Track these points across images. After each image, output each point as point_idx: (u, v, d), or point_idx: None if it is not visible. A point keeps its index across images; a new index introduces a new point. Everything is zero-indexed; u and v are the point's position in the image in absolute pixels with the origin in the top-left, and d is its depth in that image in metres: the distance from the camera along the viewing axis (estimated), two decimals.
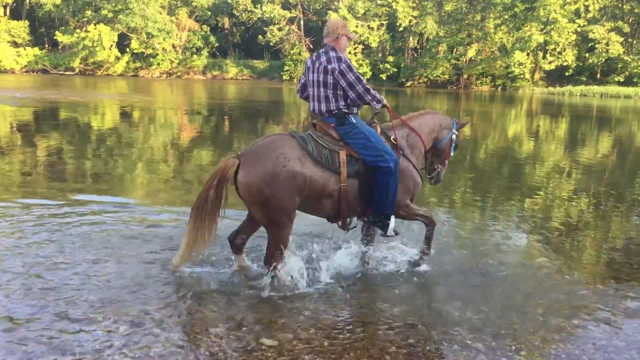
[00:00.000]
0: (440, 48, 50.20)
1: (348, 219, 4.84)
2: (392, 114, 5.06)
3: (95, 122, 17.52)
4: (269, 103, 28.72)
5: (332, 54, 4.64)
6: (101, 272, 4.82)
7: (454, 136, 5.42)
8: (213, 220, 4.46)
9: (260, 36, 53.80)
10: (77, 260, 5.08)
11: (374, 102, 4.74)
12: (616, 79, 46.70)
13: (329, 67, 4.59)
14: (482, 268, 5.25)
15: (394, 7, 49.99)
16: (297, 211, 4.54)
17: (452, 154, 5.53)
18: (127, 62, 53.18)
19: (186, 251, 4.56)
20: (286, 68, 52.76)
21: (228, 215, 4.74)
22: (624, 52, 46.33)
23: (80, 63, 51.38)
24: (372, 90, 4.71)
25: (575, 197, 8.80)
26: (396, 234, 4.91)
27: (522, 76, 47.30)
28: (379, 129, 4.86)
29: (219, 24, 58.30)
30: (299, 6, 54.13)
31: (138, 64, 54.03)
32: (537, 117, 25.40)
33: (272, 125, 18.38)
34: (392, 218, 4.75)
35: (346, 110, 4.67)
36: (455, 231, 6.52)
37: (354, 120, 4.68)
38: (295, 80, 51.64)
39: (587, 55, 47.83)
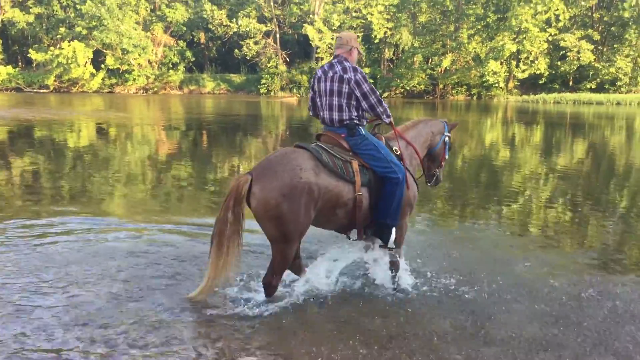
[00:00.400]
0: (415, 59, 50.65)
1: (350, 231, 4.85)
2: (395, 131, 5.07)
3: (71, 139, 17.29)
4: (246, 117, 28.66)
5: (346, 64, 4.68)
6: (73, 291, 4.74)
7: (446, 139, 5.53)
8: (236, 244, 4.29)
9: (236, 50, 53.76)
10: (49, 279, 4.99)
11: (384, 116, 4.78)
12: (588, 86, 47.71)
13: (345, 76, 4.61)
14: (461, 278, 5.26)
15: (369, 19, 50.42)
16: None
17: (447, 156, 5.63)
18: (103, 79, 52.65)
19: (210, 283, 4.35)
20: (263, 81, 52.74)
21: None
22: (594, 59, 47.32)
23: (55, 80, 50.77)
24: (384, 102, 4.76)
25: (552, 203, 8.89)
26: (397, 246, 4.93)
27: (496, 85, 47.92)
28: (383, 140, 4.90)
29: (195, 39, 58.15)
30: (275, 20, 54.26)
31: (114, 80, 53.56)
32: (512, 125, 25.72)
33: (251, 139, 18.33)
34: (393, 230, 4.77)
35: (357, 122, 4.70)
36: (434, 241, 6.53)
37: (364, 132, 4.72)
38: (272, 93, 51.69)
39: (559, 63, 48.74)
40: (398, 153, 4.90)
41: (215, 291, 4.52)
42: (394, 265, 5.02)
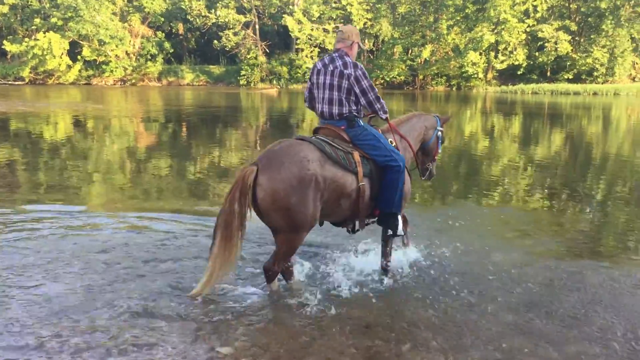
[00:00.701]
0: (395, 50, 50.79)
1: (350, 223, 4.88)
2: (390, 126, 5.08)
3: (48, 132, 17.03)
4: (226, 108, 28.48)
5: (347, 59, 4.71)
6: (46, 284, 4.65)
7: (439, 133, 5.62)
8: (241, 236, 4.24)
9: (215, 41, 53.30)
10: (20, 271, 4.90)
11: (381, 112, 4.82)
12: (565, 77, 48.21)
13: (345, 72, 4.64)
14: (439, 267, 5.29)
15: (348, 9, 50.38)
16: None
17: (440, 150, 5.71)
18: (79, 70, 51.89)
19: (213, 277, 4.26)
20: (243, 73, 52.40)
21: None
22: (572, 50, 47.80)
23: (30, 72, 49.94)
24: (381, 99, 4.80)
25: (530, 193, 8.99)
26: (403, 233, 4.99)
27: (475, 76, 48.22)
28: (379, 132, 4.94)
29: (173, 30, 57.53)
30: (254, 10, 53.87)
31: (90, 72, 52.78)
32: (491, 115, 25.91)
33: (231, 131, 18.22)
34: (399, 217, 4.81)
35: (356, 114, 4.73)
36: (413, 231, 6.55)
37: (362, 123, 4.77)
38: (252, 84, 51.40)
39: (537, 54, 49.15)
40: (393, 145, 4.95)
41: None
42: (386, 255, 5.05)
